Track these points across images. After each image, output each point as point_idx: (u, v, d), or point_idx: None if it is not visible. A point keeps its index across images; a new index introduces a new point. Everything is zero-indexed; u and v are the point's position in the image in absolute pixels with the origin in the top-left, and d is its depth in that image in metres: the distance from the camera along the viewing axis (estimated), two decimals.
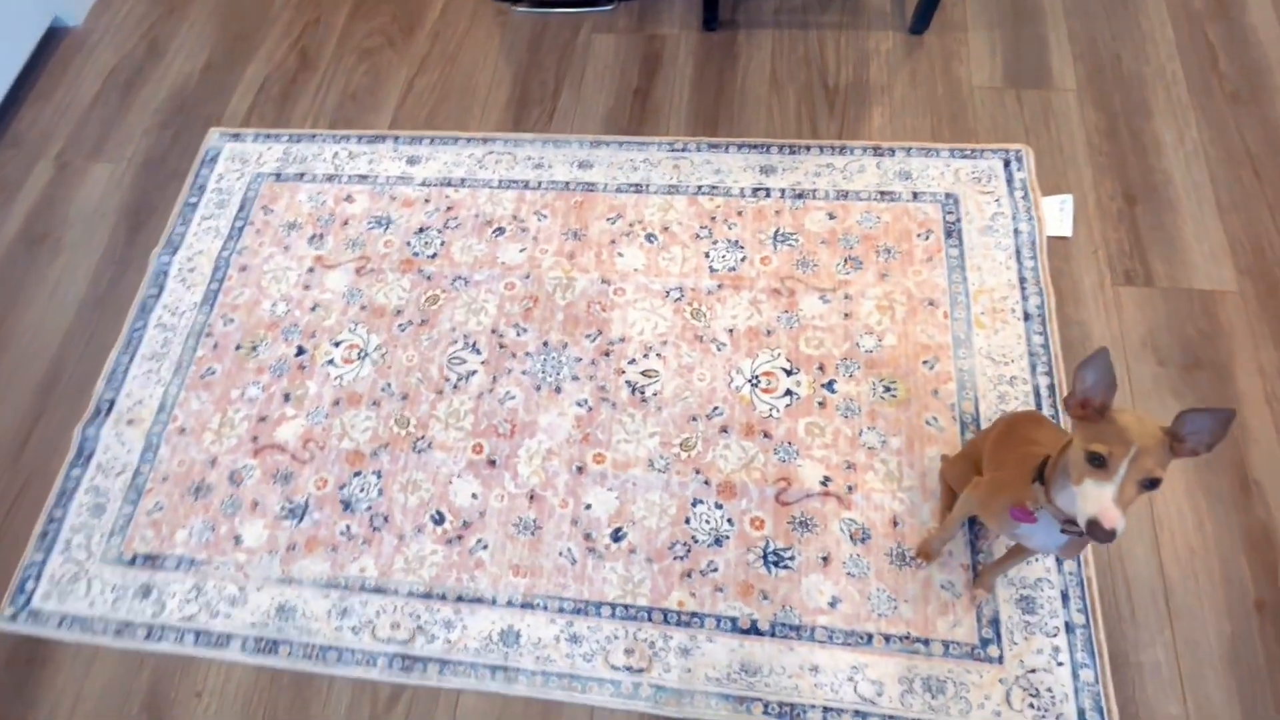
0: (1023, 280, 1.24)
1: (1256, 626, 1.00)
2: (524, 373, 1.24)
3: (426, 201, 1.43)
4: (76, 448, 1.26)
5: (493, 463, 1.18)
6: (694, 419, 1.18)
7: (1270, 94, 1.37)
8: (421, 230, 1.40)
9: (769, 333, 1.24)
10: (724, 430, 1.17)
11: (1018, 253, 1.26)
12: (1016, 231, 1.28)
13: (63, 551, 1.18)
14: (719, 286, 1.28)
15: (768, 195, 1.36)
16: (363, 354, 1.29)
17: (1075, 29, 1.48)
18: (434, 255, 1.37)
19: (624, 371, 1.23)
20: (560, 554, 1.11)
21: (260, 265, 1.40)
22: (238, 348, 1.32)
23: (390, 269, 1.37)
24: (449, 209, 1.42)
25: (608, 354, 1.25)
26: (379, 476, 1.19)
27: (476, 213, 1.40)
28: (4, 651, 1.13)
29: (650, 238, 1.34)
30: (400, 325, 1.31)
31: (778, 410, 1.17)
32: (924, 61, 1.48)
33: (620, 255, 1.33)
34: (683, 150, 1.42)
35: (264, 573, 1.14)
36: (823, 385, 1.19)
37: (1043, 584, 1.03)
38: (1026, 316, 1.21)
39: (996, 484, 0.81)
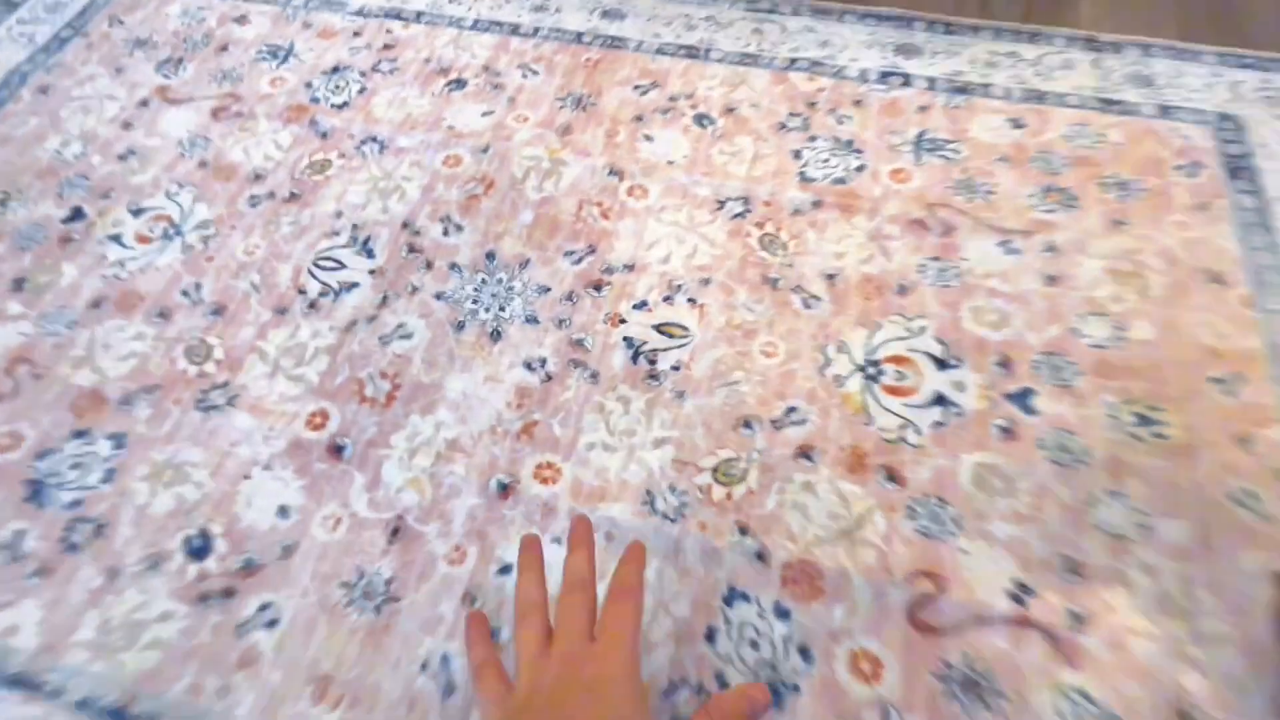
0: None
1: None
2: (440, 297, 0.67)
3: (356, 35, 0.90)
4: None
5: (338, 450, 0.60)
6: (747, 425, 0.59)
7: None
8: (336, 70, 0.87)
9: (902, 289, 0.66)
10: (805, 454, 0.58)
11: None
12: None
13: None
14: (814, 204, 0.72)
15: (906, 83, 0.81)
16: (175, 232, 0.73)
17: None
18: (343, 105, 0.83)
19: (623, 320, 0.65)
20: (425, 666, 0.51)
21: (71, 89, 0.86)
22: None
23: (268, 115, 0.82)
24: (386, 48, 0.88)
25: (599, 287, 0.67)
26: (118, 446, 0.60)
27: (428, 57, 0.87)
28: None
29: (703, 120, 0.79)
30: (254, 197, 0.76)
31: (917, 430, 0.58)
32: None
33: (648, 139, 0.78)
34: (770, 12, 0.89)
35: None
36: (1008, 396, 0.60)
37: None
38: None
39: None
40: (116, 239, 0.73)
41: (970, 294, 0.66)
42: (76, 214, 0.75)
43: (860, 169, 0.75)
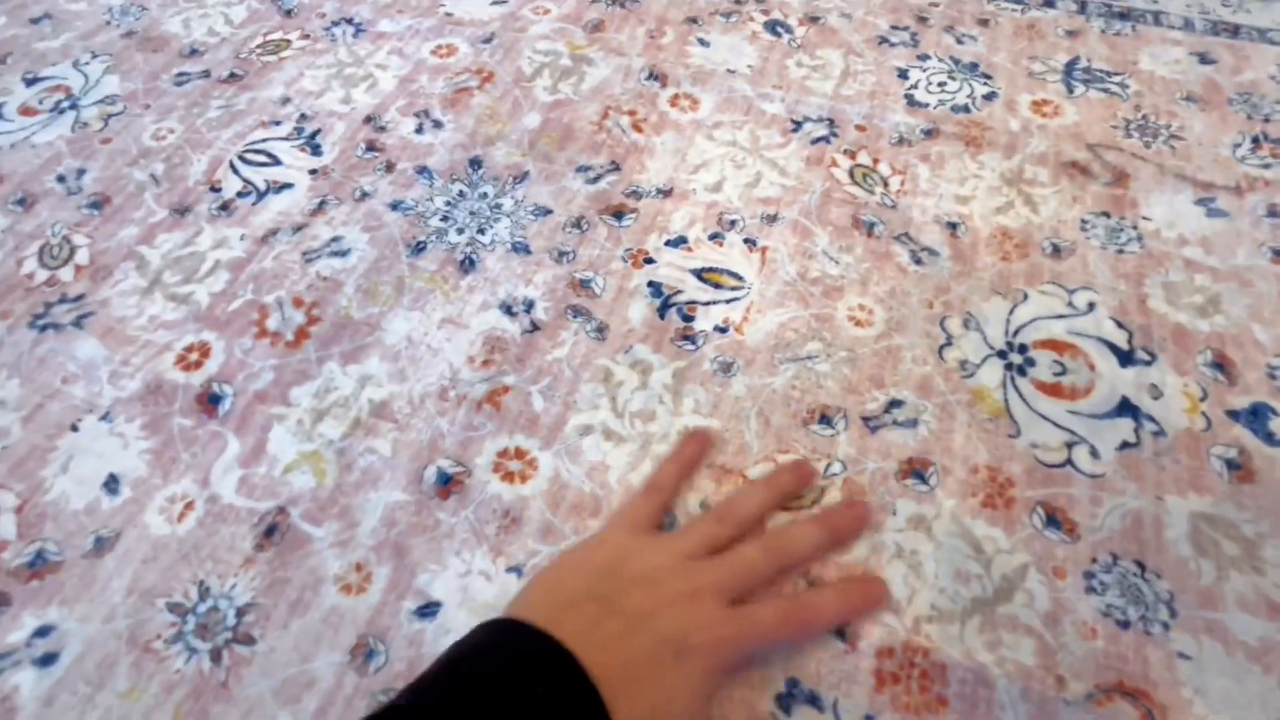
0: None
1: None
2: (396, 207, 0.48)
3: None
4: None
5: (213, 402, 0.40)
6: (826, 419, 0.39)
7: None
8: None
9: (1056, 250, 0.45)
10: (916, 472, 0.37)
11: None
12: None
13: None
14: (927, 133, 0.52)
15: (1048, 4, 0.62)
16: (69, 104, 0.56)
17: None
18: None
19: (650, 259, 0.46)
20: None
21: None
22: None
23: None
24: None
25: (619, 214, 0.48)
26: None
27: None
28: None
29: (776, 27, 0.60)
30: (183, 75, 0.58)
31: (1094, 452, 0.37)
32: None
33: (702, 43, 0.59)
34: None
35: None
36: (1232, 414, 0.39)
37: None
38: None
39: None
40: None
41: (1159, 264, 0.45)
42: None
43: (990, 96, 0.55)
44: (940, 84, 0.56)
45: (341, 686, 0.32)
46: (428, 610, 0.34)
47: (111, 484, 0.38)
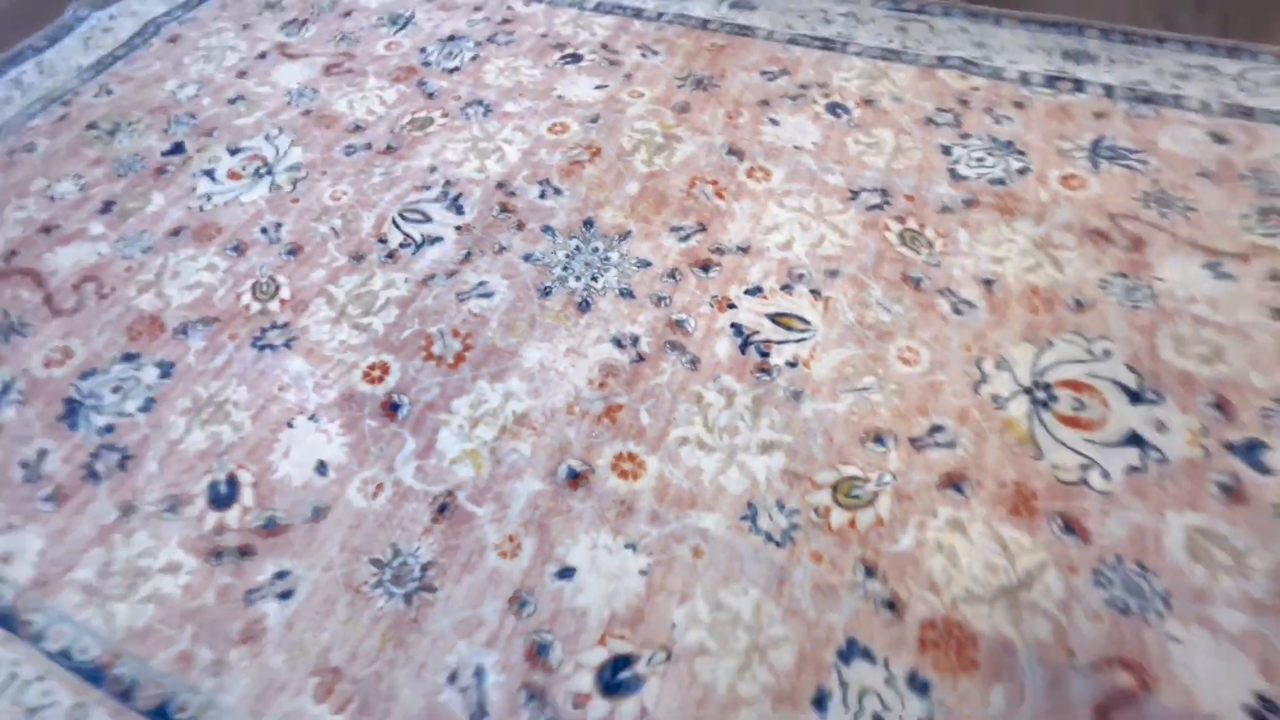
0: None
1: None
2: (529, 259, 0.60)
3: (477, 10, 0.88)
4: None
5: (393, 409, 0.52)
6: (880, 440, 0.48)
7: None
8: (451, 38, 0.84)
9: (1079, 305, 0.54)
10: (954, 485, 0.46)
11: None
12: None
13: None
14: (967, 203, 0.61)
15: (1078, 89, 0.71)
16: (266, 171, 0.70)
17: None
18: (454, 70, 0.80)
19: (733, 304, 0.56)
20: (453, 678, 0.40)
21: (198, 40, 0.87)
22: (90, 126, 0.76)
23: (378, 74, 0.80)
24: (505, 22, 0.86)
25: (707, 266, 0.59)
26: (164, 374, 0.55)
27: (545, 33, 0.84)
28: None
29: (837, 109, 0.71)
30: (350, 146, 0.72)
31: (1105, 474, 0.45)
32: None
33: (773, 123, 0.70)
34: (918, 12, 0.81)
35: None
36: (1229, 446, 0.46)
37: None
38: None
39: None
40: (209, 174, 0.71)
41: (1168, 318, 0.53)
42: (177, 148, 0.74)
43: (1023, 171, 0.64)
44: (979, 159, 0.65)
45: (503, 627, 0.42)
46: (565, 573, 0.44)
47: (321, 468, 0.49)
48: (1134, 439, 0.47)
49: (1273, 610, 0.40)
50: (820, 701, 0.39)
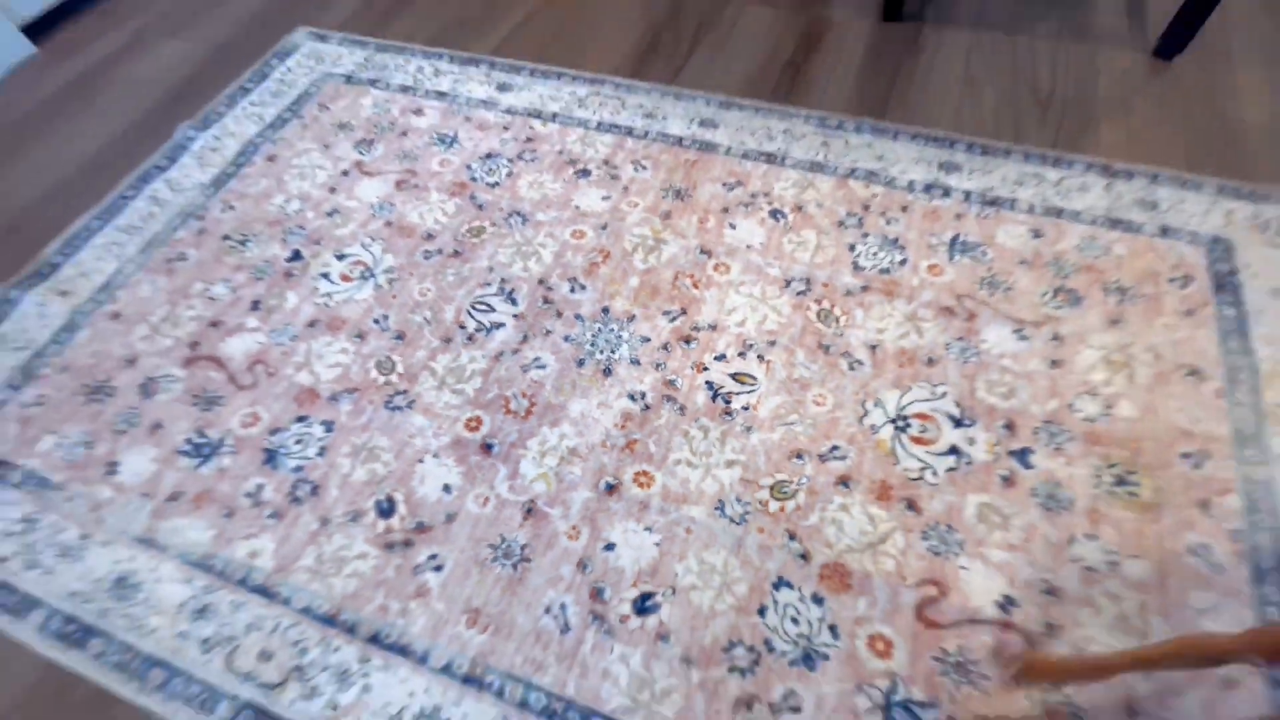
0: None
1: None
2: (567, 339, 0.88)
3: (505, 129, 1.15)
4: (21, 302, 0.97)
5: (488, 448, 0.80)
6: (800, 456, 0.77)
7: None
8: (489, 156, 1.11)
9: (931, 361, 0.83)
10: (843, 483, 0.75)
11: None
12: None
13: None
14: (863, 289, 0.90)
15: (945, 194, 1.00)
16: (368, 274, 0.97)
17: None
18: (495, 184, 1.07)
19: (707, 368, 0.84)
20: (548, 610, 0.69)
21: (291, 159, 1.13)
22: (225, 238, 1.03)
23: (438, 189, 1.07)
24: (529, 140, 1.13)
25: (688, 340, 0.87)
26: (328, 429, 0.82)
27: (561, 150, 1.11)
28: None
29: (777, 214, 0.99)
30: (427, 252, 0.99)
31: (934, 472, 0.75)
32: (1176, 88, 1.12)
33: (732, 227, 0.98)
34: (837, 128, 1.10)
35: (124, 522, 0.77)
36: (1011, 453, 0.76)
37: None
38: None
39: None
40: (325, 276, 0.97)
41: (986, 370, 0.82)
42: (296, 255, 1.00)
43: (903, 262, 0.93)
44: (874, 253, 0.94)
45: (574, 580, 0.70)
46: (609, 547, 0.72)
47: (447, 489, 0.77)
48: (954, 450, 0.76)
49: (1020, 548, 0.69)
50: (762, 611, 0.67)
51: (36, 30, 1.43)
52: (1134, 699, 0.61)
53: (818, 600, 0.68)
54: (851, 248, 0.95)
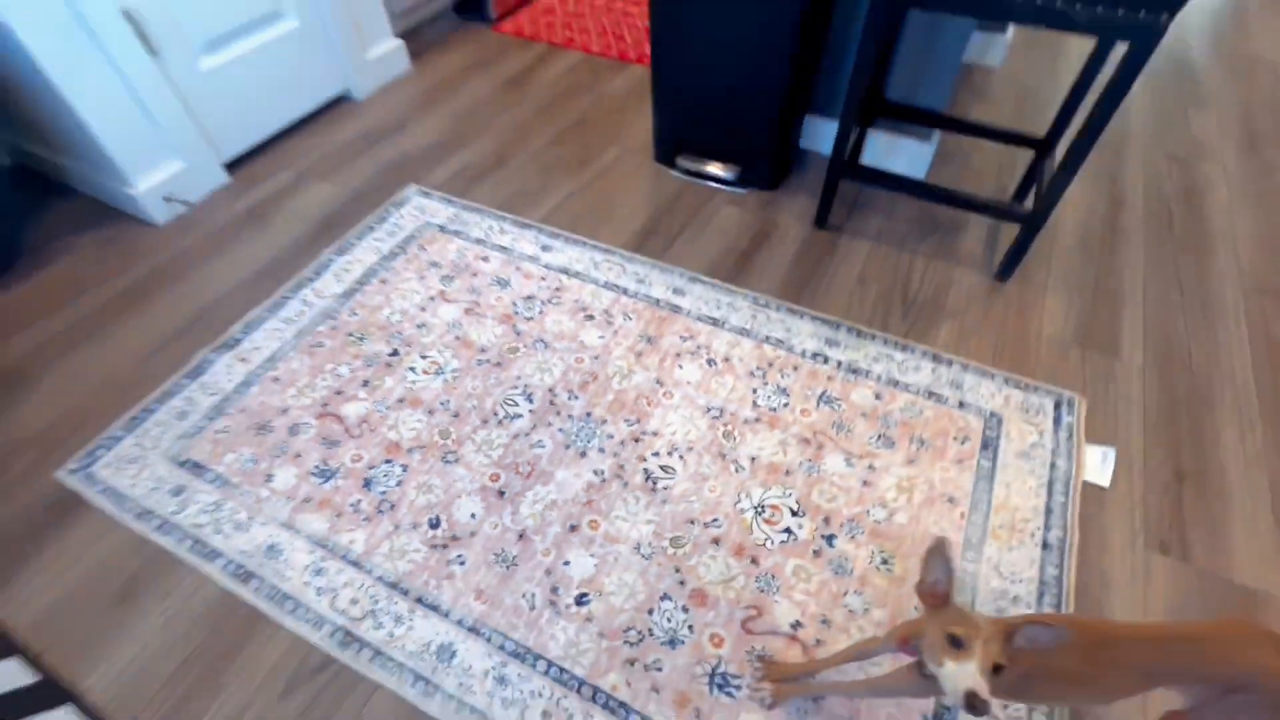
0: (1049, 511, 1.24)
1: None
2: (560, 430, 1.37)
3: (542, 279, 1.69)
4: (194, 365, 1.50)
5: (501, 494, 1.27)
6: (692, 522, 1.23)
7: None
8: (529, 298, 1.65)
9: (788, 473, 1.30)
10: (715, 542, 1.20)
11: (1050, 484, 1.28)
12: (1053, 465, 1.31)
13: (138, 436, 1.37)
14: (756, 419, 1.39)
15: (824, 362, 1.50)
16: (440, 371, 1.49)
17: (1151, 317, 1.59)
18: (530, 318, 1.60)
19: (645, 460, 1.32)
20: (523, 596, 1.14)
21: (396, 283, 1.69)
22: (349, 334, 1.56)
23: (492, 317, 1.60)
24: (557, 289, 1.67)
25: (638, 440, 1.35)
26: (404, 470, 1.31)
27: (577, 299, 1.64)
28: (51, 497, 1.29)
29: (711, 362, 1.50)
30: (479, 360, 1.51)
31: (773, 542, 1.20)
32: (1000, 303, 1.63)
33: (680, 367, 1.49)
34: (764, 305, 1.62)
35: (274, 512, 1.25)
36: (823, 536, 1.21)
37: None
38: (1045, 545, 1.20)
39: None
40: (412, 369, 1.49)
41: (820, 483, 1.28)
42: (394, 352, 1.53)
43: (785, 405, 1.41)
44: (768, 396, 1.43)
45: (542, 581, 1.16)
46: (566, 563, 1.18)
47: (473, 516, 1.24)
48: (788, 530, 1.22)
49: (813, 595, 1.13)
50: (651, 612, 1.12)
51: (231, 166, 2.07)
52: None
53: (685, 610, 1.12)
54: (754, 391, 1.44)
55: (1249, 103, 2.26)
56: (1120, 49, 2.10)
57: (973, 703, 0.62)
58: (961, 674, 0.64)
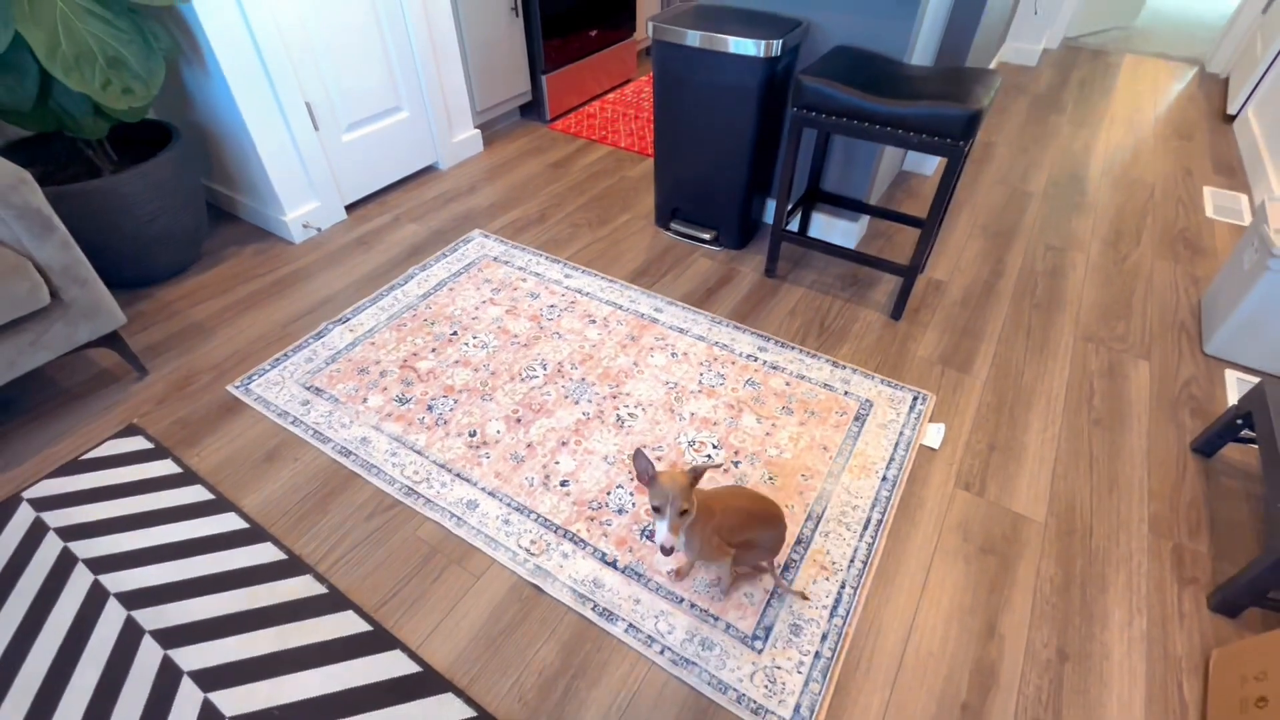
0: (891, 460, 1.79)
1: (957, 719, 1.29)
2: (563, 387, 1.98)
3: (563, 295, 2.36)
4: (318, 330, 2.18)
5: (519, 420, 1.88)
6: (644, 446, 1.80)
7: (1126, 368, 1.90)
8: (551, 306, 2.31)
9: (715, 424, 1.88)
10: (659, 459, 1.77)
11: (896, 444, 1.83)
12: (901, 433, 1.86)
13: (280, 370, 2.03)
14: (698, 391, 1.98)
15: (754, 360, 2.10)
16: (484, 346, 2.13)
17: (1000, 350, 2.17)
18: (551, 319, 2.25)
19: (619, 410, 1.92)
20: (526, 479, 1.72)
21: (460, 291, 2.37)
22: (424, 320, 2.23)
23: (524, 316, 2.26)
24: (572, 302, 2.33)
25: (615, 398, 1.96)
26: (454, 402, 1.93)
27: (585, 310, 2.30)
28: (224, 401, 1.94)
29: (674, 354, 2.11)
30: (512, 341, 2.15)
31: (696, 461, 1.76)
32: (890, 334, 2.23)
33: (652, 355, 2.10)
34: (719, 323, 2.25)
35: (367, 420, 1.87)
36: (733, 462, 1.77)
37: (814, 623, 1.43)
38: (884, 479, 1.74)
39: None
40: (466, 344, 2.14)
41: (736, 432, 1.86)
42: (454, 332, 2.19)
43: (721, 384, 2.01)
44: (711, 378, 2.03)
45: (536, 465, 1.74)
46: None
47: (498, 431, 1.85)
48: (709, 455, 1.78)
49: (718, 483, 1.69)
50: (620, 487, 1.69)
51: (350, 207, 2.85)
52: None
53: (631, 495, 1.68)
54: (701, 375, 2.04)
55: (1122, 211, 2.90)
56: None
57: (664, 549, 1.14)
58: (659, 530, 1.16)
